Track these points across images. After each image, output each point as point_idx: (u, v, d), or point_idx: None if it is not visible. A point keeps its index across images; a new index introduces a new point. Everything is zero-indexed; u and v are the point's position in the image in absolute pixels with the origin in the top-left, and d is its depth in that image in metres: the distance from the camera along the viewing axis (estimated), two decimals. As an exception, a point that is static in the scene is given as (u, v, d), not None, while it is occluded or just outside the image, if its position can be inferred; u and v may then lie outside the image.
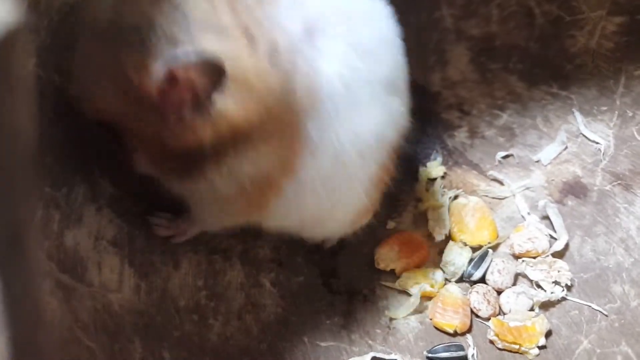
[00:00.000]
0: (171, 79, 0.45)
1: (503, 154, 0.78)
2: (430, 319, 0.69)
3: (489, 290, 0.69)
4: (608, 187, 0.73)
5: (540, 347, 0.66)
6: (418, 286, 0.70)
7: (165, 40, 0.45)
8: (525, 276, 0.71)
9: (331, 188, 0.56)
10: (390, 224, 0.76)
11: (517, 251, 0.72)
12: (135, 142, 0.53)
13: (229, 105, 0.46)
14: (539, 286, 0.70)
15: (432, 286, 0.70)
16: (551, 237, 0.73)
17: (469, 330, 0.68)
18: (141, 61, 0.45)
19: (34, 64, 0.54)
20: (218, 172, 0.51)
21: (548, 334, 0.67)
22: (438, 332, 0.68)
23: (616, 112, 0.74)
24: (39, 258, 0.46)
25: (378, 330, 0.68)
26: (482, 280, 0.71)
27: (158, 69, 0.44)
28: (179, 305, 0.61)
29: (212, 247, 0.67)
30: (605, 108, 0.74)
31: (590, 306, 0.68)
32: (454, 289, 0.69)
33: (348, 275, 0.72)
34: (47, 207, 0.55)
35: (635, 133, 0.72)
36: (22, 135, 0.18)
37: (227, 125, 0.47)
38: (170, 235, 0.64)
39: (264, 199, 0.54)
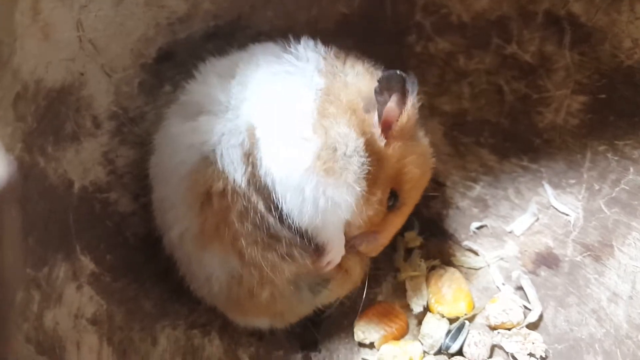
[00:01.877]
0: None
1: (477, 224, 0.81)
2: (410, 393, 0.69)
3: (466, 364, 0.70)
4: (579, 258, 0.75)
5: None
6: (397, 360, 0.70)
7: None
8: (501, 348, 0.72)
9: None
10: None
11: (492, 323, 0.73)
12: None
13: None
14: (514, 358, 0.71)
15: (411, 359, 0.71)
16: (525, 307, 0.74)
17: (448, 405, 0.69)
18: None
19: (20, 149, 0.56)
20: None
21: (525, 407, 0.67)
22: (417, 406, 0.69)
23: (584, 185, 0.76)
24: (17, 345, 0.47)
25: (358, 407, 0.68)
26: (460, 352, 0.72)
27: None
28: (156, 385, 0.61)
29: (192, 321, 0.68)
30: (573, 181, 0.77)
31: (565, 378, 0.69)
32: (431, 362, 0.70)
33: (328, 348, 0.73)
34: (28, 288, 0.55)
35: (602, 206, 0.75)
36: (8, 285, 0.19)
37: None
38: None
39: None
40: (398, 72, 0.60)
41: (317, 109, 0.59)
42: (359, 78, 0.62)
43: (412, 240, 0.81)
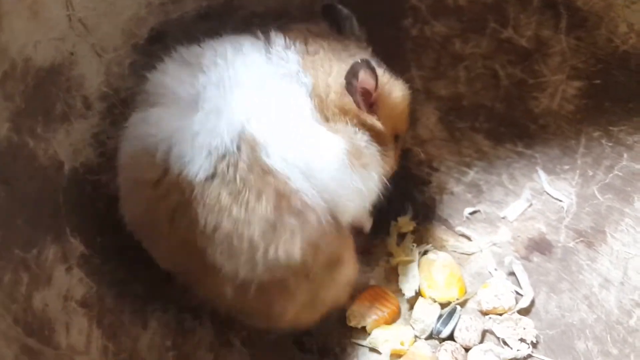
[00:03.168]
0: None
1: (471, 210, 0.81)
2: (400, 377, 0.70)
3: (457, 348, 0.70)
4: (572, 244, 0.75)
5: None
6: (388, 344, 0.70)
7: None
8: (492, 333, 0.72)
9: None
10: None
11: (484, 308, 0.73)
12: None
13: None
14: (505, 343, 0.71)
15: (402, 344, 0.71)
16: (517, 293, 0.74)
17: (439, 389, 0.69)
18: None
19: (7, 129, 0.55)
20: None
21: (515, 392, 0.68)
22: (408, 390, 0.69)
23: (578, 171, 0.76)
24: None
25: (349, 390, 0.69)
26: (451, 337, 0.72)
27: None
28: (147, 367, 0.61)
29: (182, 305, 0.67)
30: (567, 167, 0.77)
31: (555, 364, 0.69)
32: (423, 347, 0.70)
33: (320, 332, 0.72)
34: (16, 269, 0.55)
35: (596, 192, 0.74)
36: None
37: None
38: None
39: None
40: (359, 60, 0.62)
41: (319, 112, 0.61)
42: (336, 74, 0.63)
43: (405, 225, 0.81)
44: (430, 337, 0.73)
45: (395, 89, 0.68)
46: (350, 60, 0.62)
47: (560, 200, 0.77)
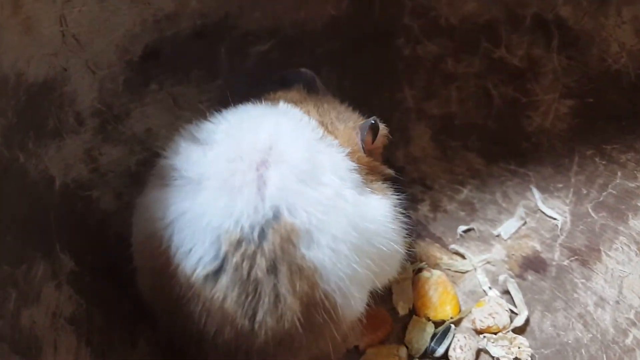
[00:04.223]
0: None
1: (464, 227, 0.80)
2: (394, 398, 0.68)
3: (451, 367, 0.69)
4: (566, 262, 0.74)
5: None
6: (381, 364, 0.69)
7: None
8: (487, 352, 0.71)
9: None
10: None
11: (478, 326, 0.72)
12: None
13: None
14: (500, 363, 0.70)
15: (395, 363, 0.70)
16: (512, 312, 0.74)
17: (433, 409, 0.68)
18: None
19: (-2, 144, 0.55)
20: None
21: (510, 412, 0.67)
22: (401, 410, 0.68)
23: (571, 189, 0.76)
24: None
25: (342, 411, 0.67)
26: (445, 356, 0.71)
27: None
28: (135, 388, 0.60)
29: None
30: (561, 185, 0.77)
31: (551, 383, 0.68)
32: (417, 366, 0.69)
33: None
34: (4, 285, 0.54)
35: (590, 210, 0.74)
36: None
37: None
38: None
39: None
40: (372, 121, 0.59)
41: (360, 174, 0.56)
42: (348, 135, 0.59)
43: (399, 243, 0.80)
44: (424, 356, 0.72)
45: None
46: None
47: (555, 219, 0.77)
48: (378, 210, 0.55)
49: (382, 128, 0.62)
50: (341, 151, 0.55)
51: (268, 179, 0.49)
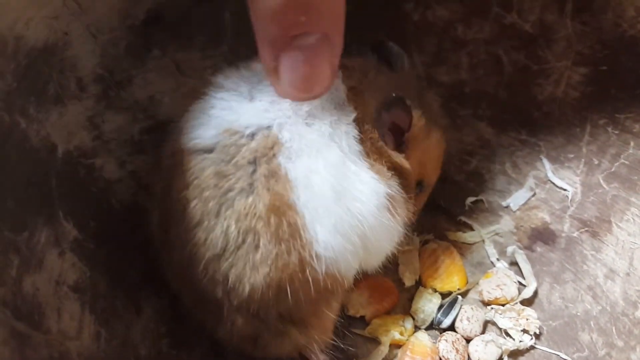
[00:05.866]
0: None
1: (473, 199, 0.79)
2: (399, 368, 0.68)
3: (458, 339, 0.69)
4: (576, 234, 0.73)
5: (509, 397, 0.65)
6: (388, 334, 0.69)
7: None
8: (494, 324, 0.71)
9: None
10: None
11: (486, 298, 0.72)
12: None
13: None
14: (507, 334, 0.69)
15: (401, 334, 0.69)
16: (520, 283, 0.73)
17: (438, 379, 0.68)
18: None
19: (-2, 108, 0.54)
20: None
21: (517, 383, 0.66)
22: (407, 380, 0.67)
23: (583, 159, 0.74)
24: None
25: (348, 379, 0.67)
26: (452, 327, 0.71)
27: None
28: (140, 354, 0.60)
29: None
30: (572, 155, 0.75)
31: (558, 355, 0.67)
32: (423, 337, 0.69)
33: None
34: (6, 251, 0.53)
35: (601, 181, 0.73)
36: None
37: None
38: None
39: None
40: (394, 95, 0.59)
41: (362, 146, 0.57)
42: (373, 110, 0.60)
43: (406, 214, 0.79)
44: (430, 327, 0.71)
45: (432, 135, 0.65)
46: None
47: (565, 189, 0.75)
48: (365, 188, 0.56)
49: (418, 117, 0.62)
50: (351, 118, 0.57)
51: (279, 104, 0.55)
